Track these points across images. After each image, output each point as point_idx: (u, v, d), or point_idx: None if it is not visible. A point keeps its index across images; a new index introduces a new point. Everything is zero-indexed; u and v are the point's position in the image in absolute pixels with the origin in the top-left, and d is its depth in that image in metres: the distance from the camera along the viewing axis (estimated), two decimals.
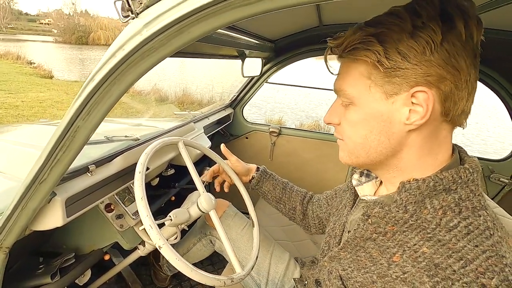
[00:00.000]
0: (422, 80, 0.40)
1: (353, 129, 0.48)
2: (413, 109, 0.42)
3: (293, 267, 0.98)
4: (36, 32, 44.73)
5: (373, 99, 0.44)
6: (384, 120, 0.44)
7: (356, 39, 0.42)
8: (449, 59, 0.39)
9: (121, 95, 0.46)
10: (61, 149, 0.53)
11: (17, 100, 5.96)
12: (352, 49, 0.43)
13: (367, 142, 0.47)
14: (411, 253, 0.42)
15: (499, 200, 1.50)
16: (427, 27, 0.38)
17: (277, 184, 0.96)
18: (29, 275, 0.84)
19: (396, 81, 0.41)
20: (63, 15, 39.99)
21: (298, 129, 1.85)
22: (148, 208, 0.65)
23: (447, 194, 0.42)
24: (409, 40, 0.39)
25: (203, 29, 0.38)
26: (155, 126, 1.41)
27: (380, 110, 0.44)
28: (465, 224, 0.40)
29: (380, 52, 0.40)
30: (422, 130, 0.43)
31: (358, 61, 0.44)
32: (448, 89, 0.40)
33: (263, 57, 1.62)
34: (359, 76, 0.44)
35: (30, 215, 0.63)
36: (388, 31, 0.40)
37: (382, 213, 0.46)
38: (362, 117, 0.46)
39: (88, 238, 0.98)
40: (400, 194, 0.44)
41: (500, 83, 1.32)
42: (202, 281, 0.63)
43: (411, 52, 0.39)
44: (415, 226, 0.43)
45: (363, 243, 0.49)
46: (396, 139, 0.45)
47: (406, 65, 0.40)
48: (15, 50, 14.55)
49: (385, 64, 0.41)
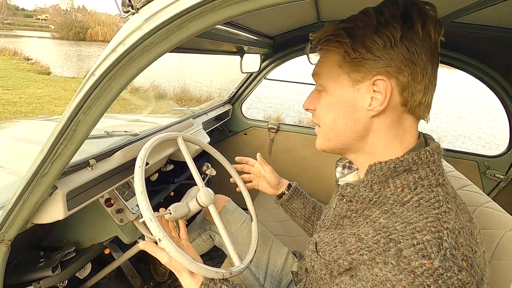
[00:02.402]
0: (382, 70, 0.45)
1: (325, 113, 0.54)
2: (374, 96, 0.47)
3: (291, 261, 1.00)
4: (33, 28, 44.29)
5: (341, 86, 0.50)
6: (350, 105, 0.50)
7: (329, 31, 0.48)
8: (408, 54, 0.44)
9: (122, 90, 0.47)
10: (62, 143, 0.53)
11: (15, 97, 5.93)
12: (325, 40, 0.49)
13: (336, 126, 0.52)
14: (371, 224, 0.47)
15: (494, 196, 1.51)
16: (389, 25, 0.44)
17: (308, 202, 0.94)
18: (30, 268, 0.85)
19: (361, 70, 0.47)
20: (60, 10, 39.57)
21: (297, 126, 1.86)
22: (148, 202, 0.66)
23: (408, 174, 0.46)
24: (373, 35, 0.45)
25: (202, 25, 0.39)
26: (154, 122, 1.42)
27: (346, 96, 0.50)
28: (417, 199, 0.44)
29: (348, 43, 0.46)
30: (385, 118, 0.48)
31: (330, 51, 0.50)
32: (405, 80, 0.45)
33: (261, 53, 1.62)
34: (331, 64, 0.50)
35: (32, 209, 0.64)
36: (356, 27, 0.46)
37: (352, 193, 0.51)
38: (332, 102, 0.52)
39: (89, 232, 0.99)
40: (367, 175, 0.49)
41: (496, 79, 1.33)
42: (201, 274, 0.64)
43: (374, 45, 0.45)
44: (378, 202, 0.48)
45: (342, 221, 0.54)
46: (361, 124, 0.50)
47: (369, 57, 0.45)
48: (12, 46, 14.42)
49: (351, 54, 0.46)
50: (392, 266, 0.40)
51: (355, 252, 0.45)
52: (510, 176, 1.46)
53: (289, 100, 8.99)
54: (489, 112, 9.67)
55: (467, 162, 1.53)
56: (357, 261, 0.45)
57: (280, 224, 1.37)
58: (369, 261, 0.43)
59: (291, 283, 0.93)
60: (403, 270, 0.39)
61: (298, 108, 8.03)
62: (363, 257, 0.44)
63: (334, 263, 0.50)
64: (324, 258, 0.53)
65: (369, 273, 0.43)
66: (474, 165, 1.53)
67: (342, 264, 0.48)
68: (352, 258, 0.46)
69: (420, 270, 0.38)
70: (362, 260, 0.44)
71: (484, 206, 0.70)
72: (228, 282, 0.67)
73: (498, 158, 1.50)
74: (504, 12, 0.81)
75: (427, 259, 0.38)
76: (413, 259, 0.38)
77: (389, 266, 0.40)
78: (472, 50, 1.27)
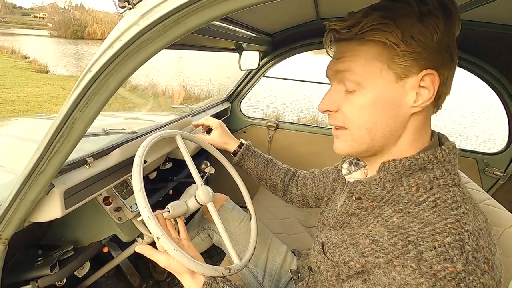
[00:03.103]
0: (430, 63, 0.42)
1: (360, 113, 0.47)
2: (419, 92, 0.44)
3: (290, 259, 0.99)
4: (30, 26, 44.03)
5: (383, 82, 0.44)
6: (394, 103, 0.45)
7: (372, 20, 0.42)
8: (448, 47, 0.43)
9: (119, 86, 0.46)
10: (59, 141, 0.53)
11: (13, 95, 5.90)
12: (370, 30, 0.43)
13: (375, 127, 0.46)
14: (382, 222, 0.46)
15: (493, 193, 1.52)
16: (432, 15, 0.41)
17: (260, 162, 0.97)
18: (28, 267, 0.85)
19: (408, 64, 0.43)
20: (58, 8, 39.34)
21: (296, 123, 1.86)
22: (146, 200, 0.65)
23: (422, 173, 0.45)
24: (419, 24, 0.41)
25: (199, 20, 0.38)
26: (152, 120, 1.41)
27: (390, 93, 0.44)
28: (434, 199, 0.43)
29: (398, 34, 0.41)
30: (422, 114, 0.46)
31: (368, 43, 0.44)
32: (446, 74, 0.44)
33: (260, 51, 1.61)
34: (370, 58, 0.44)
35: (29, 207, 0.63)
36: (400, 16, 0.41)
37: (363, 190, 0.49)
38: (371, 101, 0.45)
39: (87, 230, 0.99)
40: (380, 173, 0.47)
41: (496, 77, 1.32)
42: (200, 272, 0.64)
43: (422, 36, 0.41)
44: (391, 201, 0.46)
45: (349, 219, 0.53)
46: (400, 122, 0.46)
47: (418, 49, 0.42)
48: (10, 44, 14.33)
49: (402, 47, 0.42)
50: (412, 270, 0.38)
51: (369, 255, 0.44)
52: (509, 173, 1.46)
53: (288, 99, 8.99)
54: (488, 112, 9.67)
55: (466, 160, 1.53)
56: (371, 264, 0.43)
57: (279, 222, 1.37)
58: (385, 264, 0.41)
59: (290, 282, 0.93)
60: (424, 274, 0.37)
61: (296, 107, 8.04)
62: (378, 259, 0.42)
63: (344, 265, 0.48)
64: (333, 260, 0.51)
65: (385, 277, 0.41)
66: (473, 163, 1.53)
67: (353, 267, 0.46)
68: (366, 261, 0.44)
69: (442, 274, 0.36)
70: (377, 263, 0.42)
71: (483, 203, 0.70)
72: (230, 282, 0.65)
73: (497, 156, 1.51)
74: (505, 9, 0.81)
75: (450, 263, 0.36)
76: (435, 263, 0.37)
77: (409, 269, 0.39)
78: (472, 47, 1.27)
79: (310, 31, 1.43)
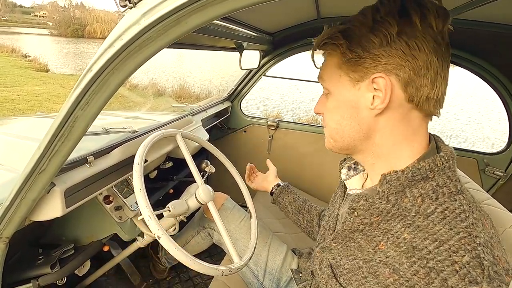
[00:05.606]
0: (381, 68, 0.45)
1: (330, 115, 0.54)
2: (375, 94, 0.46)
3: (290, 258, 1.00)
4: (31, 24, 44.03)
5: (343, 87, 0.50)
6: (353, 106, 0.49)
7: (326, 35, 0.49)
8: (407, 49, 0.43)
9: (120, 85, 0.46)
10: (60, 139, 0.53)
11: (13, 94, 5.90)
12: (323, 44, 0.50)
13: (340, 127, 0.52)
14: (393, 240, 0.45)
15: (493, 193, 1.52)
16: (384, 22, 0.44)
17: (298, 197, 1.01)
18: (29, 266, 0.85)
19: (359, 69, 0.47)
20: (58, 7, 39.39)
21: (296, 123, 1.86)
22: (147, 199, 0.65)
23: (425, 182, 0.45)
24: (369, 33, 0.45)
25: (200, 19, 0.38)
26: (152, 119, 1.41)
27: (349, 96, 0.50)
28: (441, 210, 0.42)
29: (343, 45, 0.47)
30: (391, 116, 0.47)
31: (330, 54, 0.51)
32: (407, 75, 0.44)
33: (261, 50, 1.61)
34: (332, 66, 0.51)
35: (30, 206, 0.63)
36: (353, 27, 0.47)
37: (366, 205, 0.49)
38: (336, 104, 0.52)
39: (87, 229, 0.99)
40: (382, 186, 0.47)
41: (496, 77, 1.32)
42: (201, 271, 0.64)
43: (371, 44, 0.45)
44: (397, 214, 0.46)
45: (352, 234, 0.52)
46: (366, 124, 0.49)
47: (366, 55, 0.45)
48: (10, 43, 14.32)
49: (348, 55, 0.47)
50: None
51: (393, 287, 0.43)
52: (509, 173, 1.46)
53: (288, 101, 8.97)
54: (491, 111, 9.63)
55: (466, 160, 1.53)
56: None
57: (279, 221, 1.37)
58: None
59: (291, 281, 0.93)
60: None
61: (294, 107, 8.03)
62: None
63: None
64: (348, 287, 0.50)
65: None
66: (473, 162, 1.53)
67: None
68: None
69: None
70: None
71: (484, 203, 0.70)
72: None
73: (497, 155, 1.50)
74: (505, 8, 0.80)
75: (475, 284, 0.36)
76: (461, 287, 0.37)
77: None
78: (472, 47, 1.27)
79: (310, 31, 1.42)
